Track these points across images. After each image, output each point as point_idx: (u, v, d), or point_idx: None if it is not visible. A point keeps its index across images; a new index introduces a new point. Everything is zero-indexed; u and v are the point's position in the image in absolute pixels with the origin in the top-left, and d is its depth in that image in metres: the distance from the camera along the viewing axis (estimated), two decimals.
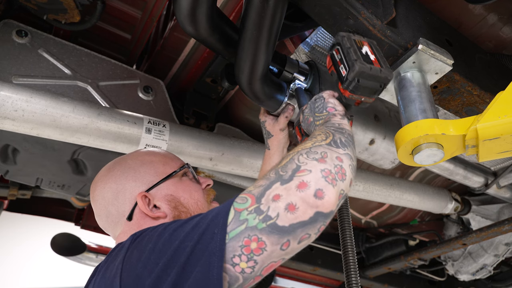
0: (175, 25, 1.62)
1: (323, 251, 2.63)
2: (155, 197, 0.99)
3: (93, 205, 1.05)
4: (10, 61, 1.40)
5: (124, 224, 0.99)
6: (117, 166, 1.04)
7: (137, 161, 1.05)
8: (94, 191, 1.04)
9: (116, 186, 1.00)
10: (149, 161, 1.05)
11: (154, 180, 1.01)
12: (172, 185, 1.02)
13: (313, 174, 0.74)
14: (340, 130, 0.90)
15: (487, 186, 2.01)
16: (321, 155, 0.78)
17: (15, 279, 4.48)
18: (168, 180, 1.02)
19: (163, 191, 1.00)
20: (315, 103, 1.04)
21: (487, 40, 1.31)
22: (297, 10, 1.28)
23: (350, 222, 1.14)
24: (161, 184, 1.00)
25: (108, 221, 1.02)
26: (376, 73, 0.93)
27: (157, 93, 1.64)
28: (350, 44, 0.97)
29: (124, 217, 0.98)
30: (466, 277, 2.52)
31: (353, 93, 0.97)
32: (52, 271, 4.41)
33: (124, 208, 0.99)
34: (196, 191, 1.05)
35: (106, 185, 1.02)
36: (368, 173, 1.85)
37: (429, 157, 0.95)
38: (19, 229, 4.34)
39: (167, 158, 1.08)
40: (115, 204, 0.99)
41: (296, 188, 0.72)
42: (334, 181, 0.75)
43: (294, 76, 1.31)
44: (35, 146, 1.46)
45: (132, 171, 1.02)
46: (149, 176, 1.01)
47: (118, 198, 0.99)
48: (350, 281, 1.00)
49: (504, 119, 0.86)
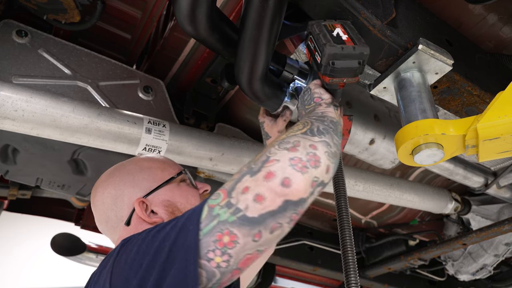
0: (175, 25, 1.62)
1: (323, 251, 2.63)
2: (152, 203, 1.01)
3: (93, 210, 1.07)
4: (10, 61, 1.40)
5: (122, 229, 1.01)
6: (116, 172, 1.07)
7: (136, 167, 1.07)
8: (94, 197, 1.06)
9: (115, 192, 1.03)
10: (147, 167, 1.07)
11: (151, 186, 1.03)
12: (169, 191, 1.04)
13: (280, 163, 0.74)
14: (321, 118, 0.90)
15: (487, 186, 2.01)
16: (293, 144, 0.78)
17: (15, 279, 4.48)
18: (166, 186, 1.04)
19: (160, 197, 1.02)
20: (303, 96, 1.06)
21: (487, 40, 1.31)
22: (297, 10, 1.28)
23: (350, 222, 1.14)
24: (158, 190, 1.02)
25: (108, 226, 1.04)
26: (349, 52, 0.92)
27: (157, 93, 1.64)
28: (319, 30, 0.97)
29: (123, 222, 1.01)
30: (466, 277, 2.52)
31: (332, 76, 0.96)
32: (52, 271, 4.41)
33: (122, 214, 1.01)
34: (193, 196, 1.07)
35: (105, 190, 1.04)
36: (368, 173, 1.85)
37: (429, 157, 0.95)
38: (19, 229, 4.34)
39: (165, 164, 1.10)
40: (114, 209, 1.02)
41: (263, 179, 0.73)
42: (304, 169, 0.74)
43: (294, 76, 1.31)
44: (35, 146, 1.46)
45: (130, 177, 1.04)
46: (147, 182, 1.03)
47: (117, 204, 1.02)
48: (349, 281, 1.00)
49: (504, 119, 0.86)
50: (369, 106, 1.42)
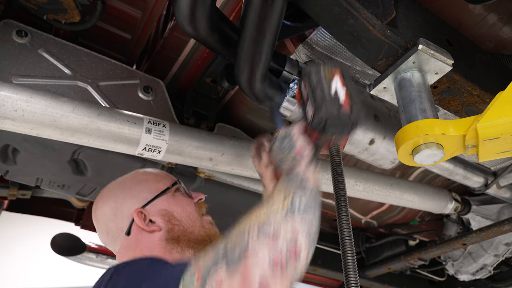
0: (175, 25, 1.62)
1: (323, 251, 2.63)
2: (150, 213, 1.07)
3: (95, 223, 1.14)
4: (10, 61, 1.40)
5: (123, 239, 1.07)
6: (116, 186, 1.15)
7: (133, 181, 1.15)
8: (96, 210, 1.14)
9: (115, 204, 1.10)
10: (143, 180, 1.15)
11: (148, 197, 1.09)
12: (165, 201, 1.10)
13: (260, 260, 0.71)
14: (302, 186, 0.86)
15: (487, 186, 2.01)
16: (273, 231, 0.75)
17: (15, 279, 4.48)
18: (162, 196, 1.11)
19: (157, 207, 1.09)
20: (282, 140, 1.00)
21: (487, 40, 1.31)
22: (297, 10, 1.28)
23: (350, 222, 1.14)
24: (155, 200, 1.09)
25: (109, 237, 1.11)
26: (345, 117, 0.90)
27: (157, 93, 1.64)
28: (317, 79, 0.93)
29: (123, 233, 1.07)
30: (466, 277, 2.52)
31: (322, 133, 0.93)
32: (52, 271, 4.41)
33: (122, 224, 1.08)
34: (188, 205, 1.13)
35: (106, 203, 1.12)
36: (368, 173, 1.85)
37: (429, 157, 0.95)
38: (19, 229, 4.34)
39: (159, 177, 1.17)
40: (114, 220, 1.09)
41: (240, 277, 0.69)
42: (283, 268, 0.72)
43: (294, 76, 1.31)
44: (35, 146, 1.46)
45: (129, 190, 1.12)
46: (144, 193, 1.10)
47: (117, 215, 1.09)
48: (349, 281, 1.00)
49: (504, 119, 0.86)
50: (369, 106, 1.42)
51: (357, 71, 1.53)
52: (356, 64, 1.50)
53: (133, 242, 1.06)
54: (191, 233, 1.07)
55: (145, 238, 1.05)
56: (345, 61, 1.50)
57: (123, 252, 1.07)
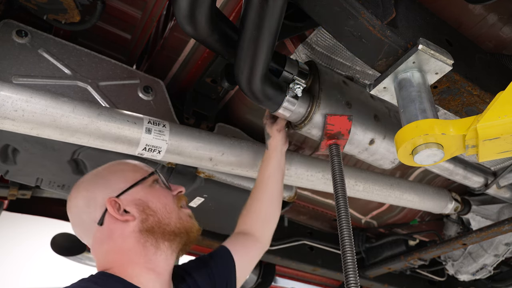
0: (175, 25, 1.62)
1: (323, 251, 2.63)
2: (124, 202, 1.04)
3: (68, 215, 1.10)
4: (10, 61, 1.40)
5: (96, 230, 1.04)
6: (89, 176, 1.12)
7: (109, 171, 1.12)
8: (69, 201, 1.10)
9: (87, 193, 1.07)
10: (119, 170, 1.12)
11: (124, 187, 1.06)
12: (141, 191, 1.07)
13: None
14: None
15: (487, 186, 2.01)
16: None
17: (15, 279, 4.48)
18: (138, 186, 1.08)
19: (132, 196, 1.05)
20: None
21: (487, 40, 1.31)
22: (297, 10, 1.28)
23: (349, 222, 1.14)
24: (130, 190, 1.06)
25: (83, 229, 1.08)
26: None
27: (157, 93, 1.64)
28: None
29: (96, 223, 1.03)
30: (466, 277, 2.52)
31: None
32: (52, 271, 4.41)
33: (95, 215, 1.04)
34: (165, 197, 1.10)
35: (78, 194, 1.08)
36: (368, 173, 1.85)
37: (429, 157, 0.95)
38: (19, 229, 4.34)
39: (137, 167, 1.14)
40: (87, 211, 1.05)
41: None
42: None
43: (294, 76, 1.31)
44: (35, 146, 1.46)
45: (102, 180, 1.09)
46: (119, 183, 1.07)
47: (90, 206, 1.05)
48: (349, 281, 1.00)
49: (504, 119, 0.86)
50: (369, 106, 1.42)
51: (357, 71, 1.53)
52: (356, 64, 1.50)
53: (106, 232, 1.02)
54: (167, 224, 1.05)
55: (118, 229, 1.02)
56: (345, 61, 1.50)
57: (97, 246, 1.05)
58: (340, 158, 1.32)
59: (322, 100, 1.31)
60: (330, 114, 1.30)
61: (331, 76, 1.38)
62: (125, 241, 1.01)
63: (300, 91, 1.28)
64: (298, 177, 1.68)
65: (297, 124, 1.38)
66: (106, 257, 1.03)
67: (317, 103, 1.30)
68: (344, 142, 1.37)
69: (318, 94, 1.31)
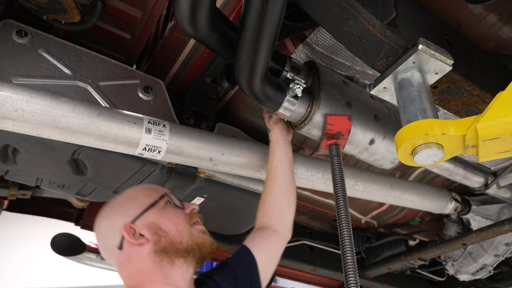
0: (175, 25, 1.62)
1: (323, 251, 2.63)
2: (139, 227, 1.12)
3: (96, 240, 1.22)
4: (10, 61, 1.40)
5: (117, 254, 1.14)
6: (110, 205, 1.20)
7: (124, 198, 1.20)
8: (95, 229, 1.21)
9: (107, 221, 1.16)
10: (134, 196, 1.20)
11: (138, 212, 1.15)
12: (154, 214, 1.15)
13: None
14: None
15: (487, 186, 2.01)
16: None
17: (15, 279, 4.48)
18: (150, 210, 1.16)
19: (146, 220, 1.14)
20: None
21: (487, 40, 1.31)
22: (297, 10, 1.28)
23: (349, 222, 1.14)
24: (144, 214, 1.14)
25: (107, 253, 1.18)
26: None
27: (157, 93, 1.64)
28: None
29: (116, 248, 1.13)
30: (466, 277, 2.52)
31: None
32: (52, 271, 4.41)
33: (115, 240, 1.13)
34: (176, 216, 1.17)
35: (101, 221, 1.18)
36: (368, 173, 1.85)
37: (429, 157, 0.95)
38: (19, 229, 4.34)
39: (150, 191, 1.22)
40: (109, 237, 1.15)
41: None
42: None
43: (294, 76, 1.31)
44: (35, 146, 1.46)
45: (119, 207, 1.17)
46: (134, 208, 1.15)
47: (110, 232, 1.14)
48: (349, 281, 1.00)
49: (504, 119, 0.86)
50: (369, 106, 1.42)
51: (357, 71, 1.53)
52: (356, 64, 1.50)
53: (126, 256, 1.12)
54: (179, 243, 1.13)
55: (136, 252, 1.11)
56: (345, 61, 1.50)
57: (120, 267, 1.14)
58: (340, 158, 1.32)
59: (322, 100, 1.31)
60: (330, 114, 1.30)
61: (331, 76, 1.38)
62: (143, 262, 1.10)
63: (300, 91, 1.28)
64: (298, 177, 1.68)
65: (297, 124, 1.38)
66: (129, 277, 1.13)
67: (317, 103, 1.30)
68: (344, 142, 1.37)
69: (318, 94, 1.31)
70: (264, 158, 1.59)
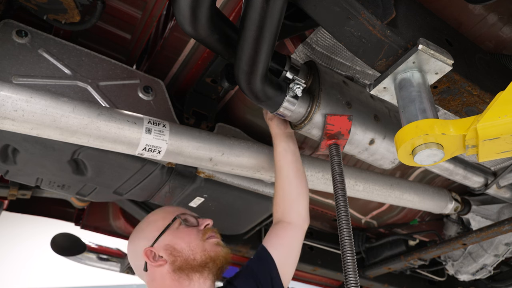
0: (175, 25, 1.62)
1: (323, 251, 2.63)
2: (158, 249, 1.24)
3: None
4: (10, 61, 1.40)
5: (144, 274, 1.27)
6: (135, 230, 1.36)
7: (146, 222, 1.35)
8: (127, 253, 1.37)
9: (133, 247, 1.32)
10: (152, 221, 1.33)
11: (155, 236, 1.27)
12: (169, 236, 1.27)
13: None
14: None
15: (487, 186, 2.01)
16: None
17: (15, 279, 4.48)
18: (166, 232, 1.27)
19: (163, 242, 1.25)
20: None
21: (487, 40, 1.31)
22: (297, 10, 1.28)
23: (349, 222, 1.15)
24: (161, 237, 1.26)
25: (139, 273, 1.31)
26: None
27: (157, 93, 1.64)
28: None
29: (143, 270, 1.27)
30: (466, 277, 2.52)
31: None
32: (52, 271, 4.41)
33: (141, 263, 1.27)
34: (189, 235, 1.27)
35: (129, 247, 1.34)
36: (368, 173, 1.85)
37: (429, 157, 0.95)
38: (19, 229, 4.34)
39: (167, 213, 1.33)
40: (136, 261, 1.30)
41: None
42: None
43: (294, 76, 1.31)
44: (35, 146, 1.46)
45: (141, 233, 1.32)
46: (152, 233, 1.28)
47: (136, 256, 1.29)
48: (349, 281, 1.01)
49: (504, 119, 0.86)
50: (369, 106, 1.41)
51: (357, 71, 1.53)
52: (356, 64, 1.50)
53: (150, 276, 1.25)
54: (193, 259, 1.23)
55: (157, 272, 1.24)
56: (345, 61, 1.50)
57: (149, 286, 1.28)
58: (340, 158, 1.32)
59: (322, 100, 1.31)
60: (330, 114, 1.30)
61: (331, 76, 1.38)
62: (164, 281, 1.23)
63: (300, 91, 1.28)
64: None
65: (297, 124, 1.38)
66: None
67: (317, 103, 1.30)
68: (344, 142, 1.37)
69: (318, 94, 1.31)
70: (264, 158, 1.59)
